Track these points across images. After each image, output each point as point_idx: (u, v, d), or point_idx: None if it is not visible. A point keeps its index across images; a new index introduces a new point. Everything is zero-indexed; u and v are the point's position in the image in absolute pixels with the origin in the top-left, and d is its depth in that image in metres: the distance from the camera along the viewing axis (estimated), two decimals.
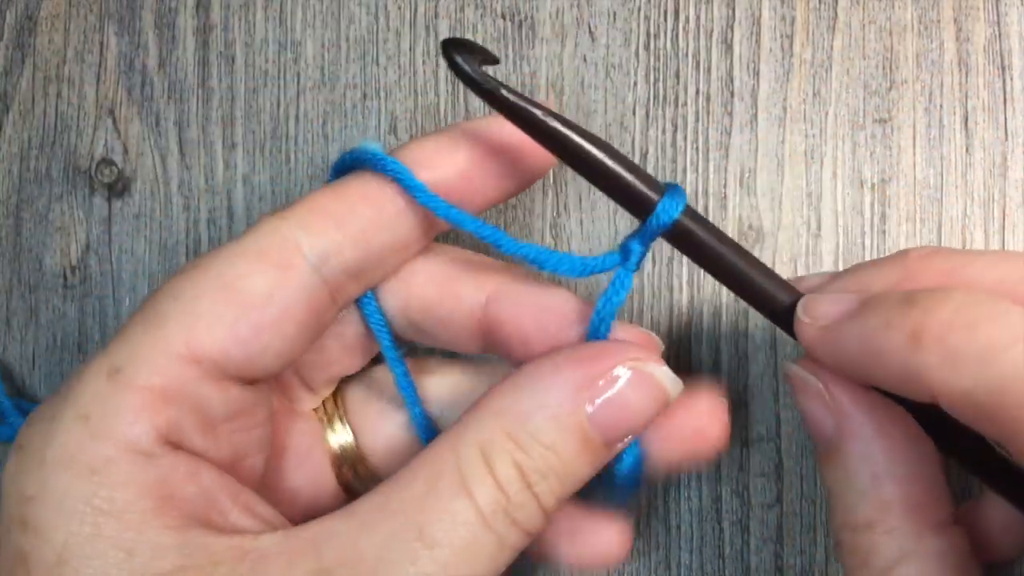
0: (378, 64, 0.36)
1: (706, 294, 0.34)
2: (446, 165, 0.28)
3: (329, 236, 0.27)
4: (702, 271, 0.35)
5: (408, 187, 0.27)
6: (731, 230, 0.34)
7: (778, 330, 0.34)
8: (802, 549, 0.34)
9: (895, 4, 0.35)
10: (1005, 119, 0.34)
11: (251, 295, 0.26)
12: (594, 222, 0.35)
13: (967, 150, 0.34)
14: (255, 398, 0.27)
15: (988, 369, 0.22)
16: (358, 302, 0.29)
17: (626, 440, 0.27)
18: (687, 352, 0.34)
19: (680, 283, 0.34)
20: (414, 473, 0.25)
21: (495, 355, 0.30)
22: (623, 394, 0.26)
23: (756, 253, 0.34)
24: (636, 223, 0.27)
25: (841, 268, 0.34)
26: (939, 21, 0.34)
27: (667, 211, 0.26)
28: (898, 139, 0.34)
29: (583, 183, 0.35)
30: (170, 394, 0.25)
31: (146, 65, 0.36)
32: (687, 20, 0.35)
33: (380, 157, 0.27)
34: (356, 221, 0.27)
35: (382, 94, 0.36)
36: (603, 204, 0.35)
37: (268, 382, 0.28)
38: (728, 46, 0.35)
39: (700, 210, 0.34)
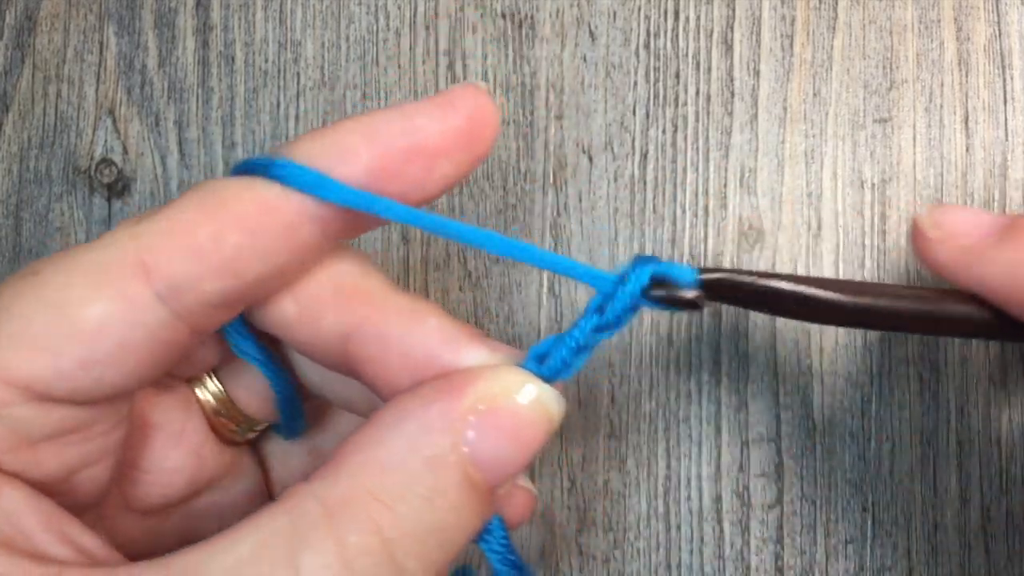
0: (378, 64, 0.36)
1: None
2: (344, 166, 0.23)
3: (185, 267, 0.22)
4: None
5: (318, 191, 0.22)
6: (731, 230, 0.34)
7: (778, 329, 0.34)
8: (802, 549, 0.34)
9: (895, 4, 0.34)
10: (1005, 119, 0.34)
11: (82, 324, 0.22)
12: (594, 222, 0.35)
13: (967, 150, 0.34)
14: (92, 413, 0.24)
15: None
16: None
17: (509, 483, 0.23)
18: (687, 352, 0.34)
19: None
20: (241, 533, 0.21)
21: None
22: (506, 422, 0.22)
23: (756, 253, 0.34)
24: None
25: (841, 268, 0.34)
26: (939, 21, 0.34)
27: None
28: (898, 139, 0.34)
29: (583, 183, 0.35)
30: None
31: (146, 65, 0.36)
32: (687, 20, 0.35)
33: (274, 164, 0.22)
34: (222, 250, 0.22)
35: (382, 94, 0.36)
36: (603, 204, 0.35)
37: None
38: (728, 46, 0.35)
39: (700, 210, 0.34)
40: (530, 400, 0.22)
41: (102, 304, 0.22)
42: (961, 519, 0.33)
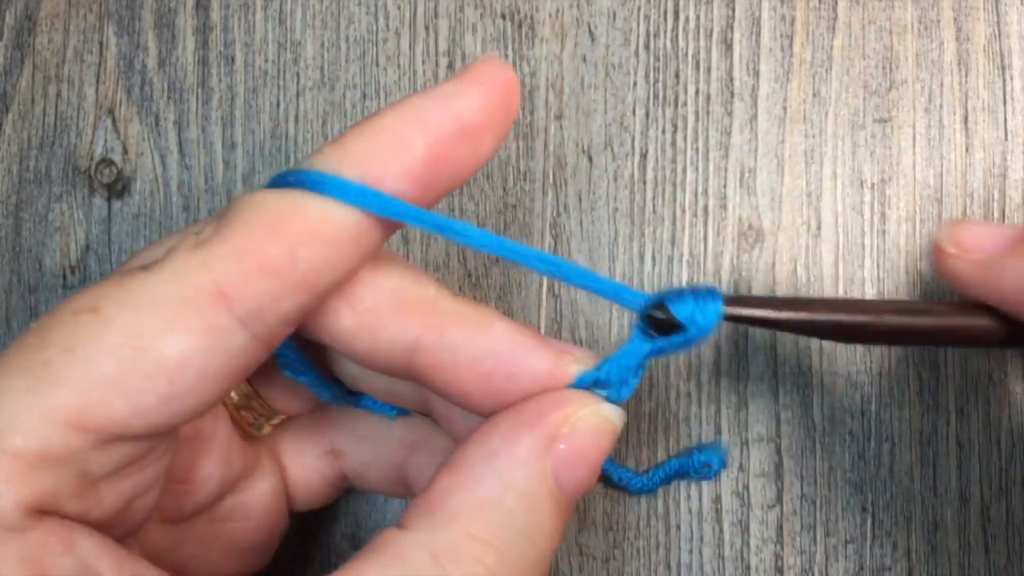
0: (378, 64, 0.36)
1: None
2: (400, 161, 0.23)
3: (265, 289, 0.22)
4: (701, 271, 0.35)
5: (378, 210, 0.22)
6: (731, 230, 0.34)
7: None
8: (802, 549, 0.34)
9: (895, 4, 0.35)
10: (1005, 119, 0.34)
11: (164, 361, 0.21)
12: (594, 222, 0.35)
13: (967, 150, 0.34)
14: (153, 443, 0.23)
15: None
16: None
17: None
18: (687, 352, 0.34)
19: (680, 282, 0.34)
20: None
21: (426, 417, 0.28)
22: (584, 444, 0.24)
23: (756, 253, 0.34)
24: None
25: (841, 268, 0.34)
26: (939, 21, 0.34)
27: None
28: (898, 139, 0.34)
29: (583, 183, 0.35)
30: (48, 461, 0.21)
31: (146, 65, 0.36)
32: (687, 20, 0.35)
33: (325, 181, 0.22)
34: (297, 267, 0.22)
35: (382, 94, 0.36)
36: (603, 204, 0.35)
37: None
38: (728, 46, 0.35)
39: (700, 210, 0.34)
40: (598, 419, 0.24)
41: (183, 338, 0.21)
42: (961, 519, 0.33)
